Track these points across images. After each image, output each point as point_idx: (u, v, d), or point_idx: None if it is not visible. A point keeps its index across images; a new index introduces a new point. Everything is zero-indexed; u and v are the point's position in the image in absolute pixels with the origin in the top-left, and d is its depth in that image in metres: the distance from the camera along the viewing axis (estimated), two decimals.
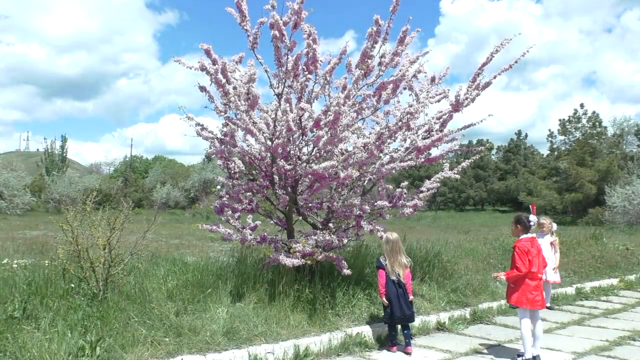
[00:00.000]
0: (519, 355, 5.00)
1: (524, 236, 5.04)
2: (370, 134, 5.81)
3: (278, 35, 5.18)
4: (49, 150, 48.57)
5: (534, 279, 4.91)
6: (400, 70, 5.69)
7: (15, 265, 6.67)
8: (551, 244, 7.39)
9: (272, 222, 6.74)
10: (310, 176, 5.65)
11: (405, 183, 6.64)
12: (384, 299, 5.14)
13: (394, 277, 5.14)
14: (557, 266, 7.45)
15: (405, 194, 6.29)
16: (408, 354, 5.03)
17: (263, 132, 5.37)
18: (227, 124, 5.60)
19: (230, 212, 6.19)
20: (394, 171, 5.83)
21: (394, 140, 5.99)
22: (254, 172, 6.27)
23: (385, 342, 5.30)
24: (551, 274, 7.29)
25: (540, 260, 4.98)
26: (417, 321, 5.87)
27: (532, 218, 5.16)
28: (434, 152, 6.16)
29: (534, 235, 5.21)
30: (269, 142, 5.31)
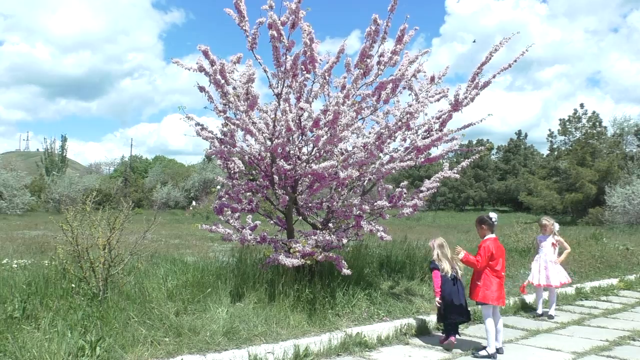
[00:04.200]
0: (477, 350, 5.16)
1: (489, 236, 5.33)
2: (369, 133, 5.81)
3: (276, 35, 5.18)
4: (49, 150, 48.57)
5: (499, 277, 5.22)
6: (399, 70, 5.70)
7: (15, 265, 6.67)
8: (553, 245, 7.05)
9: (272, 222, 6.74)
10: (310, 176, 5.65)
11: (405, 183, 6.63)
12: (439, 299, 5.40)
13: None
14: (560, 261, 7.02)
15: (405, 193, 6.29)
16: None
17: (262, 132, 5.37)
18: (227, 124, 5.60)
19: (229, 212, 6.19)
20: (393, 171, 5.83)
21: (394, 140, 5.99)
22: (253, 172, 6.27)
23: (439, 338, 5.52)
24: (554, 276, 6.88)
25: (504, 260, 5.31)
26: (417, 321, 5.88)
27: (493, 215, 5.49)
28: (434, 152, 6.17)
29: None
30: (268, 142, 5.31)
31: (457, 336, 5.43)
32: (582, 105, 38.14)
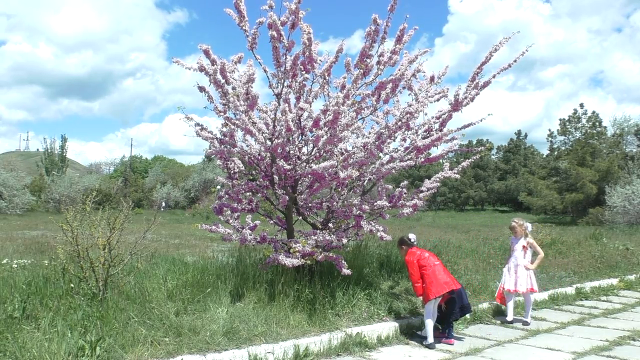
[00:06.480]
0: (424, 338, 5.45)
1: (410, 251, 5.68)
2: (369, 133, 5.81)
3: (276, 35, 5.18)
4: (49, 150, 48.57)
5: (426, 272, 5.46)
6: (399, 70, 5.69)
7: (15, 265, 6.68)
8: (524, 248, 6.52)
9: (272, 222, 6.74)
10: (310, 176, 5.65)
11: (405, 183, 6.63)
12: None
13: None
14: (532, 267, 6.49)
15: (405, 193, 6.29)
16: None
17: (262, 132, 5.37)
18: (227, 124, 5.60)
19: (229, 212, 6.20)
20: (393, 171, 5.82)
21: (394, 140, 5.99)
22: (253, 172, 6.27)
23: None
24: (523, 282, 6.38)
25: (430, 256, 5.60)
26: (417, 321, 5.88)
27: (412, 236, 5.81)
28: (434, 151, 6.17)
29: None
30: (268, 142, 5.31)
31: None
32: (581, 105, 38.10)
